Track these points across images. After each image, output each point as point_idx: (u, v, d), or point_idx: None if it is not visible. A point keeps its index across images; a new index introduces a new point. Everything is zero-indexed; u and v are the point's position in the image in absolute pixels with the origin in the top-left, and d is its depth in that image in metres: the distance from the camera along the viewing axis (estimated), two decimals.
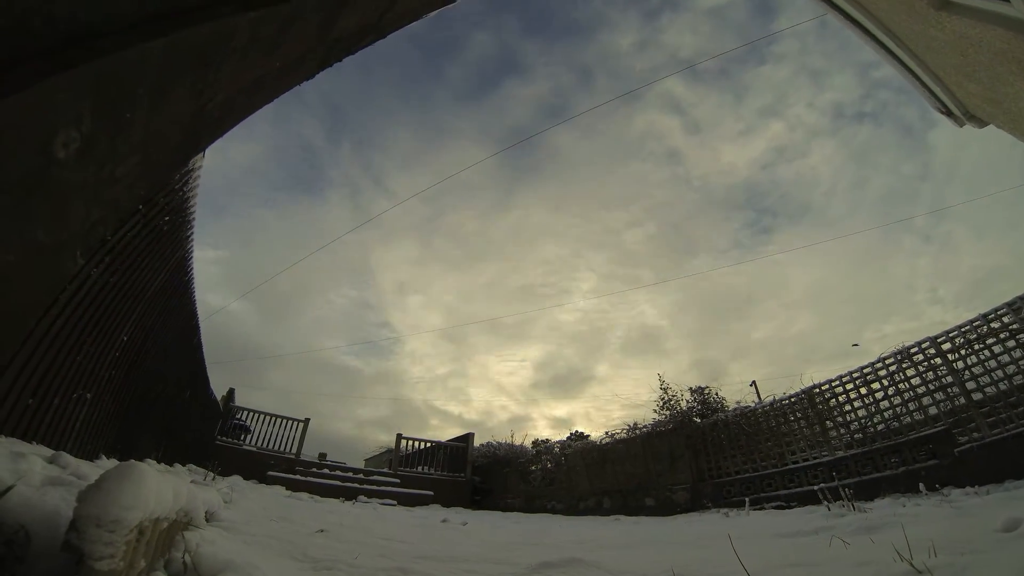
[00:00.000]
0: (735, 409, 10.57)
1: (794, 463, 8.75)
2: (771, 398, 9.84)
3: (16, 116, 0.49)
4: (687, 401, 12.01)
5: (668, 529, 6.56)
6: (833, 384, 8.69)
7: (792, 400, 9.32)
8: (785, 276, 64.46)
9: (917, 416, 7.33)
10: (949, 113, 3.50)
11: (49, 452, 3.05)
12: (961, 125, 3.49)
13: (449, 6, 1.85)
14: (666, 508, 10.04)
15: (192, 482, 4.31)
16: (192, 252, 6.26)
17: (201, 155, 4.90)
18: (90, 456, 4.30)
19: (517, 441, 16.90)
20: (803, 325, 65.63)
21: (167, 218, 4.61)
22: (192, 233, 5.81)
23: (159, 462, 6.95)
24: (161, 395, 6.84)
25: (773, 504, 8.21)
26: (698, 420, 11.07)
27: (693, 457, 10.41)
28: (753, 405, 10.40)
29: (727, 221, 69.76)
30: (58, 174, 0.64)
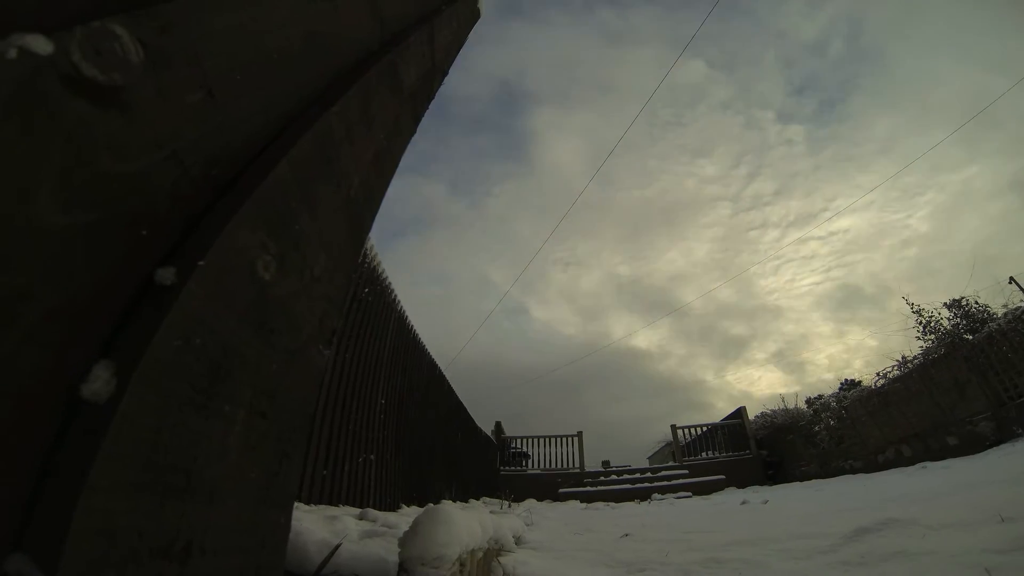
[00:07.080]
0: (1007, 315, 8.57)
1: None
2: None
3: (222, 264, 0.64)
4: (948, 319, 10.18)
5: (981, 468, 5.78)
6: None
7: None
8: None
9: None
10: None
11: (356, 510, 3.66)
12: None
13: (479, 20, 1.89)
14: (972, 444, 8.42)
15: (491, 512, 4.77)
16: (404, 311, 6.99)
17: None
18: (391, 507, 5.09)
19: (789, 404, 15.95)
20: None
21: (366, 289, 5.31)
22: (395, 295, 6.55)
23: (454, 500, 7.91)
24: (435, 442, 7.82)
25: None
26: (969, 337, 9.20)
27: (982, 380, 8.63)
28: None
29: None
30: (272, 292, 0.80)
